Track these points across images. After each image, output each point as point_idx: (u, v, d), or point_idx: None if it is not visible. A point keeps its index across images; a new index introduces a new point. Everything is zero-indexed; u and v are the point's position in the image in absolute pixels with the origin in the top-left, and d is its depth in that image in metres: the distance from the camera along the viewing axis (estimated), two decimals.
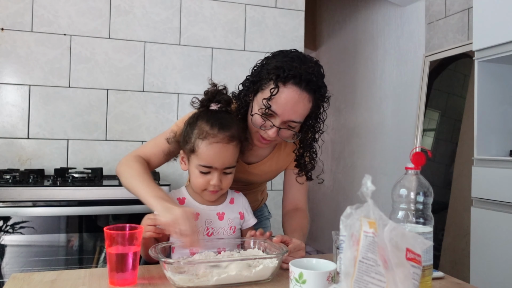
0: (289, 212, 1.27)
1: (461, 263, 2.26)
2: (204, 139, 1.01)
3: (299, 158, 1.21)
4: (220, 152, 1.02)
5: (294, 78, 1.02)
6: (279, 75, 1.03)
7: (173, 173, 2.25)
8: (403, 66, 2.96)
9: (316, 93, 1.07)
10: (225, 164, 1.03)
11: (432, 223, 0.82)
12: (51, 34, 2.15)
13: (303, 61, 1.05)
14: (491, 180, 1.76)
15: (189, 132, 1.05)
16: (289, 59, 1.05)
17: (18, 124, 2.10)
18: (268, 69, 1.06)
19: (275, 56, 1.10)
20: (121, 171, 1.11)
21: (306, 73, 1.03)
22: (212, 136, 1.01)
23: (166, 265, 0.86)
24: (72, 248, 1.72)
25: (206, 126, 1.02)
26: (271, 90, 1.03)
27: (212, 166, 1.02)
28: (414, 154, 0.83)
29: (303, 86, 1.03)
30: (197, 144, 1.02)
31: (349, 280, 0.60)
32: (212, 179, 1.03)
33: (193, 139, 1.03)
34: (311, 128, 1.15)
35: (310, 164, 1.22)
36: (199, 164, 1.02)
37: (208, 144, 1.01)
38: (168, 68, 2.33)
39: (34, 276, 0.91)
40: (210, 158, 1.01)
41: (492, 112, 1.90)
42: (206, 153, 1.01)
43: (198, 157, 1.02)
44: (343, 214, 0.66)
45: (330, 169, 3.94)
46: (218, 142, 1.01)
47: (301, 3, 2.56)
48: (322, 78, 1.09)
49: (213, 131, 1.01)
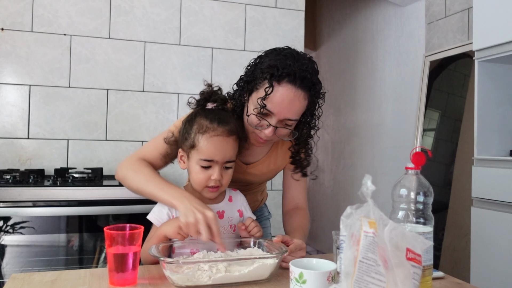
0: (289, 212, 1.27)
1: (461, 263, 2.26)
2: (204, 133, 1.02)
3: (294, 155, 1.21)
4: (221, 145, 1.03)
5: (288, 76, 1.02)
6: (273, 74, 1.02)
7: (173, 173, 2.24)
8: (403, 66, 2.96)
9: (311, 90, 1.07)
10: (226, 158, 1.04)
11: (432, 223, 0.82)
12: (51, 34, 2.15)
13: (297, 58, 1.05)
14: (491, 180, 1.76)
15: (188, 128, 1.06)
16: (282, 57, 1.05)
17: (18, 124, 2.10)
18: (262, 68, 1.06)
19: (268, 54, 1.09)
20: (128, 176, 1.11)
21: (300, 70, 1.02)
22: (212, 130, 1.02)
23: (165, 264, 0.86)
24: (72, 248, 1.72)
25: (205, 121, 1.03)
26: (265, 89, 1.03)
27: (213, 160, 1.03)
28: (414, 154, 0.83)
29: (298, 84, 1.03)
30: (198, 138, 1.03)
31: (349, 280, 0.60)
32: (213, 173, 1.03)
33: (193, 134, 1.04)
34: (306, 124, 1.15)
35: (305, 160, 1.22)
36: (200, 158, 1.03)
37: (209, 138, 1.02)
38: (168, 68, 2.33)
39: (34, 276, 0.91)
40: (211, 152, 1.02)
41: (492, 112, 1.90)
42: (206, 146, 1.02)
43: (199, 151, 1.03)
44: (343, 214, 0.66)
45: (330, 169, 3.94)
46: (218, 136, 1.02)
47: (301, 3, 2.56)
48: (316, 75, 1.08)
49: (213, 125, 1.03)
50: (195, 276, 0.86)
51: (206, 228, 0.94)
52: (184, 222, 0.95)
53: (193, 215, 0.95)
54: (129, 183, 1.11)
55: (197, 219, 0.94)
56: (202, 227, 0.94)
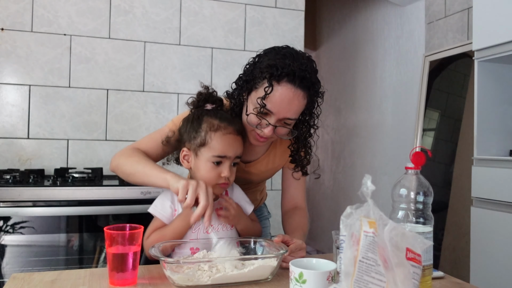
0: (288, 211, 1.27)
1: (461, 263, 2.26)
2: (216, 131, 1.05)
3: (294, 153, 1.21)
4: (233, 142, 1.06)
5: (288, 76, 1.02)
6: (273, 74, 1.03)
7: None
8: (403, 66, 2.96)
9: (311, 90, 1.07)
10: (237, 153, 1.07)
11: (432, 223, 0.82)
12: (51, 34, 2.15)
13: (296, 57, 1.05)
14: (491, 180, 1.76)
15: (196, 128, 1.07)
16: (281, 56, 1.05)
17: (18, 124, 2.10)
18: (261, 67, 1.06)
19: (267, 53, 1.09)
20: (121, 162, 1.11)
21: (299, 70, 1.03)
22: (223, 128, 1.05)
23: (165, 264, 0.86)
24: (72, 248, 1.72)
25: (215, 120, 1.06)
26: (265, 89, 1.03)
27: (226, 156, 1.05)
28: (414, 154, 0.83)
29: (297, 83, 1.03)
30: (209, 136, 1.04)
31: (349, 280, 0.60)
32: (223, 170, 1.05)
33: (203, 132, 1.05)
34: (305, 123, 1.15)
35: (305, 159, 1.22)
36: (213, 155, 1.04)
37: (222, 135, 1.05)
38: (168, 68, 2.33)
39: (34, 276, 0.91)
40: (224, 148, 1.04)
41: (492, 112, 1.90)
42: (220, 143, 1.04)
43: (212, 148, 1.04)
44: (343, 214, 0.66)
45: (330, 169, 3.94)
46: (230, 133, 1.06)
47: (301, 3, 2.56)
48: (315, 74, 1.09)
49: (224, 124, 1.06)
50: (195, 276, 0.86)
51: (206, 192, 0.95)
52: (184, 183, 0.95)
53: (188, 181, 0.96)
54: (122, 169, 1.11)
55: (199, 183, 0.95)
56: (202, 191, 0.95)
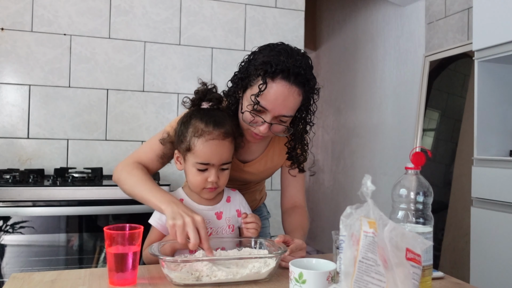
0: (288, 210, 1.27)
1: (461, 263, 2.26)
2: (200, 136, 1.02)
3: (290, 151, 1.21)
4: (217, 149, 1.02)
5: (282, 73, 1.02)
6: (267, 71, 1.02)
7: (173, 173, 2.24)
8: (403, 66, 2.96)
9: (306, 86, 1.06)
10: (222, 160, 1.04)
11: (432, 223, 0.82)
12: (51, 34, 2.15)
13: (290, 54, 1.04)
14: (491, 180, 1.76)
15: (184, 131, 1.05)
16: (276, 53, 1.04)
17: (18, 124, 2.10)
18: (256, 64, 1.05)
19: (262, 50, 1.09)
20: (122, 178, 1.11)
21: (294, 66, 1.02)
22: (207, 133, 1.02)
23: (164, 262, 0.86)
24: (72, 248, 1.72)
25: (201, 124, 1.03)
26: (259, 86, 1.02)
27: (209, 163, 1.03)
28: (414, 154, 0.83)
29: (292, 80, 1.02)
30: (193, 142, 1.02)
31: (349, 280, 0.60)
32: (210, 176, 1.03)
33: (189, 137, 1.03)
34: (301, 120, 1.14)
35: (302, 156, 1.22)
36: (196, 161, 1.03)
37: (205, 142, 1.02)
38: (168, 68, 2.33)
39: (34, 276, 0.91)
40: (207, 155, 1.02)
41: (492, 112, 1.90)
42: (203, 150, 1.02)
43: (195, 155, 1.03)
44: (343, 214, 0.66)
45: (330, 169, 3.94)
46: (214, 139, 1.02)
47: (301, 3, 2.56)
48: (310, 70, 1.08)
49: (208, 129, 1.02)
50: (194, 275, 0.86)
51: (195, 230, 0.93)
52: (171, 224, 0.93)
53: (181, 218, 0.94)
54: (122, 185, 1.11)
55: (185, 222, 0.93)
56: (190, 229, 0.92)
